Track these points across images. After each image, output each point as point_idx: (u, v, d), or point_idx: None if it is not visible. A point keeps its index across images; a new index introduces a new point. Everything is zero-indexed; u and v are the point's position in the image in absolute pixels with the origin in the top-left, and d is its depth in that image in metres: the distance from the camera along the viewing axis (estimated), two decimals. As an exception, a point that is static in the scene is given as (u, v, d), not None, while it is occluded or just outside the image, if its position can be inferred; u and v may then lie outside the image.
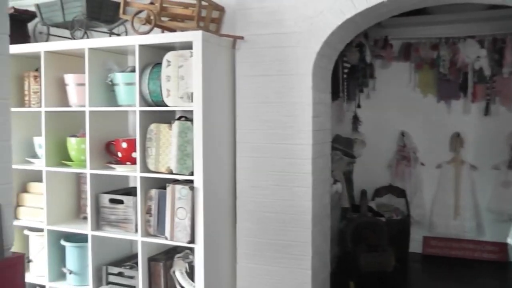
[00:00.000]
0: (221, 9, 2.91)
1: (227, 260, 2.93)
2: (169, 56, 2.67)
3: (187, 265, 2.76)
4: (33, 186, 3.23)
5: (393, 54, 5.15)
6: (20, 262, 2.14)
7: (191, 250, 2.70)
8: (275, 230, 2.86)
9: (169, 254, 2.87)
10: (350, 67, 4.91)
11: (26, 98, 3.16)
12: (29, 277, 3.17)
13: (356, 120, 5.34)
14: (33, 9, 3.27)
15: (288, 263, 2.84)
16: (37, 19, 3.29)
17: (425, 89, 5.17)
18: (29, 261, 3.19)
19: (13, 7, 3.26)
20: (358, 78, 5.09)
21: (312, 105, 2.76)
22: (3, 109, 2.08)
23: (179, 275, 2.76)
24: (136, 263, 2.84)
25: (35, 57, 3.07)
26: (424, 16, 4.76)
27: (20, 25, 3.37)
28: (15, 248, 3.10)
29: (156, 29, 2.77)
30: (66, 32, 3.19)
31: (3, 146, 2.07)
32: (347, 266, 4.49)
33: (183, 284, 2.73)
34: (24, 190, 3.26)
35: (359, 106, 5.28)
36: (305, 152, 2.78)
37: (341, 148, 4.92)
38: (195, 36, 2.58)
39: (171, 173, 2.67)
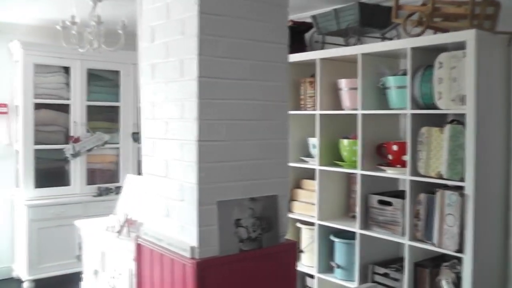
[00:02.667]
0: (496, 5, 2.70)
1: (498, 276, 2.71)
2: (441, 57, 2.61)
3: (454, 275, 2.65)
4: (306, 183, 3.51)
5: None
6: (293, 248, 2.36)
7: (458, 260, 2.58)
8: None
9: (436, 261, 2.79)
10: None
11: (302, 102, 3.46)
12: (300, 267, 3.45)
13: None
14: (309, 20, 3.55)
15: None
16: (313, 29, 3.56)
17: None
18: (301, 251, 3.49)
19: (292, 20, 3.59)
20: None
21: None
22: (282, 111, 2.34)
23: (445, 284, 2.66)
24: (402, 266, 2.84)
25: (311, 64, 3.33)
26: None
27: (298, 36, 3.70)
28: (288, 237, 3.45)
29: (428, 30, 2.73)
30: (339, 40, 3.37)
31: (282, 144, 2.32)
32: None
33: (450, 294, 2.64)
34: (298, 186, 3.57)
35: None
36: None
37: None
38: (468, 36, 2.47)
39: (441, 178, 2.60)
